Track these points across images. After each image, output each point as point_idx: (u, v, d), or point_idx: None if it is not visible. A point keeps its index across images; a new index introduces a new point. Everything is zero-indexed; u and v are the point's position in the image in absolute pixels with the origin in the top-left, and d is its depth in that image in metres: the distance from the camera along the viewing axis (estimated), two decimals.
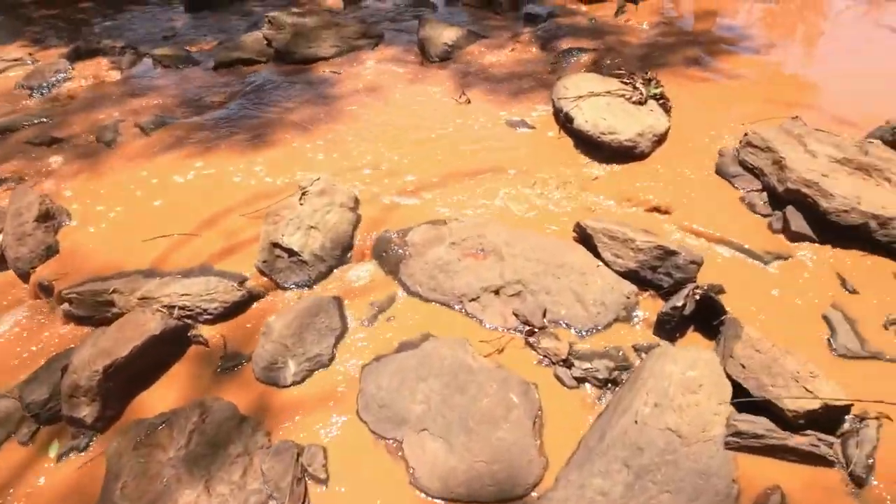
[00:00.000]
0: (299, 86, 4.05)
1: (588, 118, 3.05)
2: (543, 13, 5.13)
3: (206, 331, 2.23)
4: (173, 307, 2.19)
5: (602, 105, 3.13)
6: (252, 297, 2.34)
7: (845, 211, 2.29)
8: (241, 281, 2.35)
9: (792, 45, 4.31)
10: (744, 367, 1.73)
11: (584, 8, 5.25)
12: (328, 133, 3.42)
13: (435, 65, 4.32)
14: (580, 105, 3.15)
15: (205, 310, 2.23)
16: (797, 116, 3.04)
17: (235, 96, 3.96)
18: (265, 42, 4.57)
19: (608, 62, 4.08)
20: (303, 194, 2.62)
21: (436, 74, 4.13)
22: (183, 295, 2.23)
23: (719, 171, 2.82)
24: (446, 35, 4.49)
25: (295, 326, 2.07)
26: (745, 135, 2.81)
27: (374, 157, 3.17)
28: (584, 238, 2.38)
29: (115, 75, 4.50)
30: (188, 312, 2.21)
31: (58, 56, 4.84)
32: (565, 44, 4.46)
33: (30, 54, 5.20)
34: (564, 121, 3.25)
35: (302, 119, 3.59)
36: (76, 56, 4.84)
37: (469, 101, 3.71)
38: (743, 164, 2.76)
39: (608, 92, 3.24)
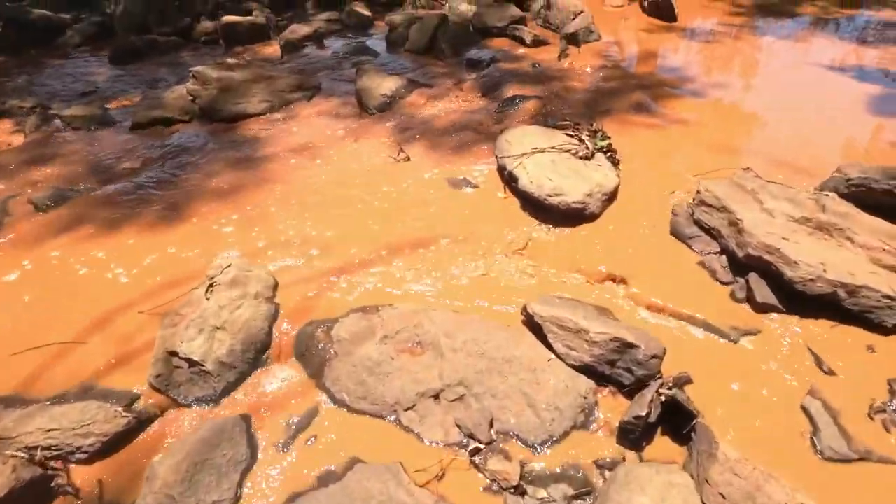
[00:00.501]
0: (223, 147, 3.71)
1: (533, 178, 2.82)
2: (486, 58, 4.99)
3: (79, 474, 1.81)
4: (35, 448, 1.77)
5: (547, 162, 2.92)
6: (142, 423, 1.94)
7: (812, 280, 2.10)
8: (129, 403, 1.95)
9: (732, 85, 4.27)
10: (723, 496, 1.46)
11: (526, 52, 5.16)
12: (250, 203, 3.08)
13: (373, 117, 4.06)
14: (524, 163, 2.92)
15: (78, 447, 1.81)
16: (748, 168, 2.90)
17: (151, 162, 3.58)
18: (190, 98, 4.23)
19: (553, 109, 3.93)
20: (210, 286, 2.26)
21: (373, 129, 3.87)
22: (50, 430, 1.81)
23: (675, 232, 2.62)
24: (385, 85, 4.26)
25: (185, 468, 1.68)
26: (698, 192, 2.64)
27: (299, 230, 2.84)
28: (533, 326, 2.10)
29: (18, 140, 4.05)
30: (55, 453, 1.79)
31: None
32: (509, 91, 4.31)
33: None
34: (509, 179, 3.02)
35: (223, 187, 3.24)
36: None
37: (408, 158, 3.45)
38: (698, 223, 2.57)
39: (553, 147, 3.04)
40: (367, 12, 6.50)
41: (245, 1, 6.99)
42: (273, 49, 5.95)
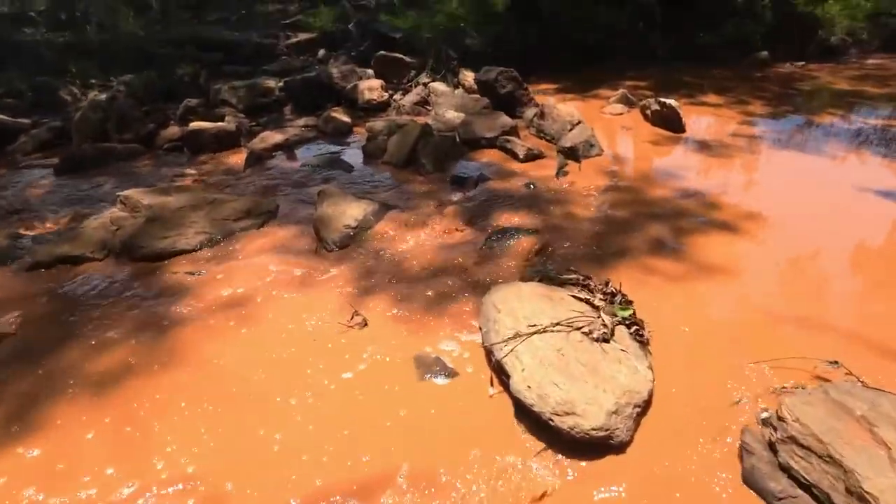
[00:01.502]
0: (130, 302, 2.89)
1: (531, 380, 1.97)
2: (473, 175, 4.35)
3: None
4: None
5: (550, 352, 2.08)
6: None
7: None
8: None
9: (768, 215, 3.56)
10: None
11: (519, 167, 4.54)
12: (130, 408, 2.18)
13: (332, 256, 3.29)
14: (518, 353, 2.09)
15: None
16: (837, 362, 2.07)
17: (28, 325, 2.75)
18: (113, 229, 3.49)
19: (553, 249, 3.18)
20: None
21: (328, 274, 3.08)
22: None
23: (751, 482, 1.72)
24: (350, 213, 3.55)
25: None
26: (780, 418, 1.77)
27: (181, 463, 1.93)
28: None
29: None
30: None
31: None
32: (500, 218, 3.59)
33: None
34: (498, 371, 2.18)
35: (104, 375, 2.36)
36: None
37: (365, 324, 2.62)
38: (788, 471, 1.68)
39: (558, 324, 2.22)
40: (346, 118, 6.02)
41: (219, 105, 6.56)
42: (240, 157, 5.36)
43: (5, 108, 6.77)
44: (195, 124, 5.79)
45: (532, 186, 4.11)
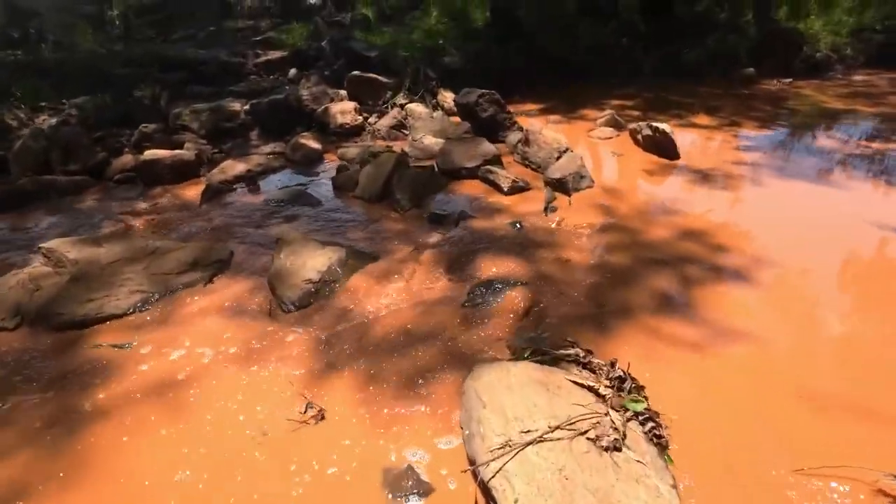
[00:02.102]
0: (39, 387, 2.38)
1: None
2: (453, 211, 3.93)
3: None
4: None
5: (550, 472, 1.64)
6: None
7: None
8: None
9: (785, 261, 3.18)
10: None
11: (504, 201, 4.13)
12: None
13: (290, 318, 2.82)
14: (509, 473, 1.65)
15: None
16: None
17: None
18: (32, 289, 2.97)
19: (545, 307, 2.76)
20: None
21: (282, 344, 2.60)
22: None
23: None
24: (312, 264, 3.09)
25: None
26: None
27: None
28: None
29: None
30: None
31: None
32: (484, 266, 3.17)
33: None
34: (485, 492, 1.73)
35: None
36: None
37: (322, 417, 2.15)
38: None
39: (557, 427, 1.79)
40: (316, 144, 5.57)
41: (179, 131, 6.06)
42: (198, 190, 4.86)
43: None
44: (150, 153, 5.28)
45: (518, 226, 3.70)
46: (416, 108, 6.48)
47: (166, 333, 2.71)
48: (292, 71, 7.73)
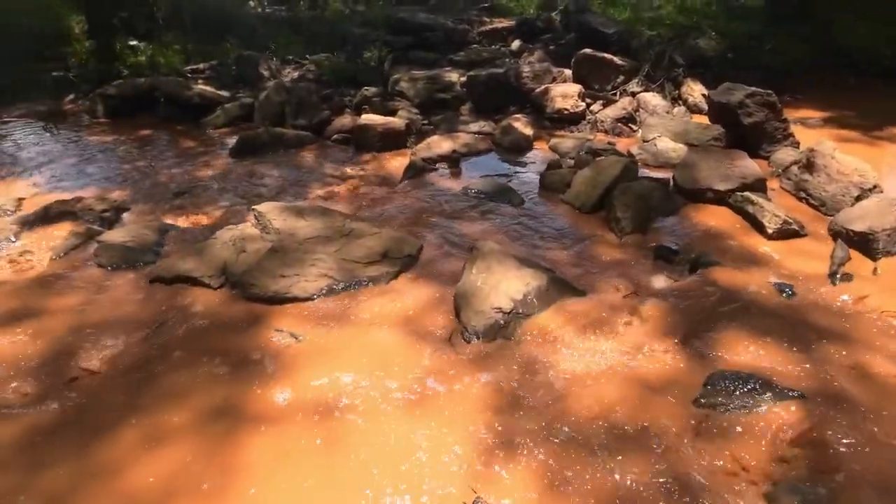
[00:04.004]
0: (217, 366, 2.32)
1: None
2: (689, 251, 3.03)
3: None
4: None
5: None
6: None
7: None
8: None
9: None
10: None
11: (765, 248, 3.06)
12: None
13: (470, 352, 2.36)
14: None
15: None
16: None
17: (111, 367, 2.34)
18: (236, 251, 3.03)
19: (828, 440, 1.81)
20: None
21: (456, 389, 2.15)
22: None
23: None
24: (507, 288, 2.56)
25: None
26: None
27: None
28: None
29: (39, 266, 3.21)
30: None
31: (11, 221, 3.77)
32: (732, 345, 2.29)
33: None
34: None
35: (137, 495, 1.78)
36: (44, 219, 3.76)
37: None
38: None
39: None
40: (527, 130, 5.00)
41: (395, 98, 6.05)
42: (403, 162, 4.72)
43: (212, 79, 7.18)
44: (365, 117, 5.33)
45: (788, 292, 2.65)
46: (652, 98, 5.44)
47: (341, 334, 2.47)
48: (516, 42, 7.21)
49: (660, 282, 2.82)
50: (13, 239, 3.53)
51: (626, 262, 3.04)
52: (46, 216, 3.80)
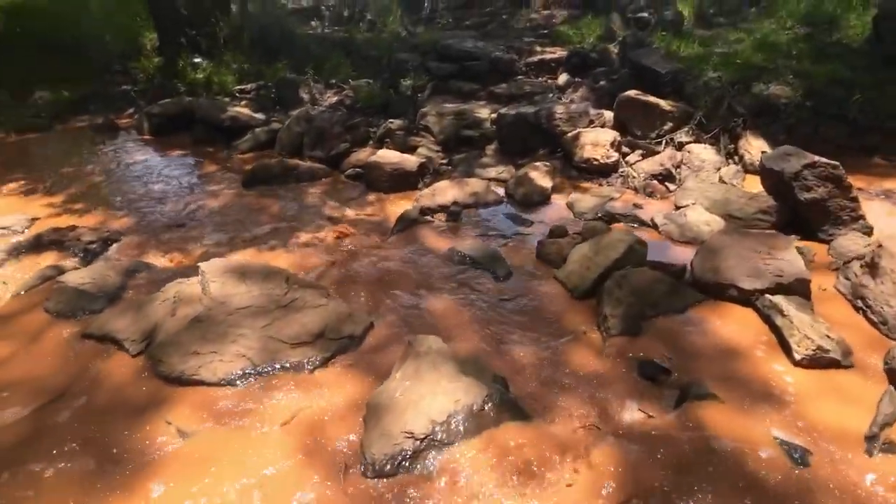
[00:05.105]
0: (75, 461, 2.07)
1: None
2: (684, 377, 2.41)
3: None
4: None
5: None
6: None
7: None
8: None
9: None
10: None
11: (786, 380, 2.36)
12: None
13: (359, 492, 1.95)
14: None
15: None
16: None
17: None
18: (171, 309, 2.82)
19: None
20: None
21: None
22: None
23: None
24: (430, 404, 2.11)
25: None
26: None
27: None
28: None
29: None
30: None
31: (3, 248, 3.85)
32: None
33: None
34: None
35: None
36: (35, 246, 3.83)
37: None
38: None
39: None
40: (545, 182, 4.47)
41: (419, 132, 5.74)
42: (407, 205, 4.40)
43: (254, 101, 7.27)
44: (379, 154, 5.06)
45: (799, 459, 1.98)
46: (702, 152, 4.71)
47: (227, 440, 2.16)
48: (563, 76, 6.65)
49: (631, 414, 2.25)
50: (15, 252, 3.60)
51: (601, 375, 2.48)
52: (38, 244, 3.87)
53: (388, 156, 5.01)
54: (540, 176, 4.53)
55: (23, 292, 3.26)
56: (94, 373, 2.56)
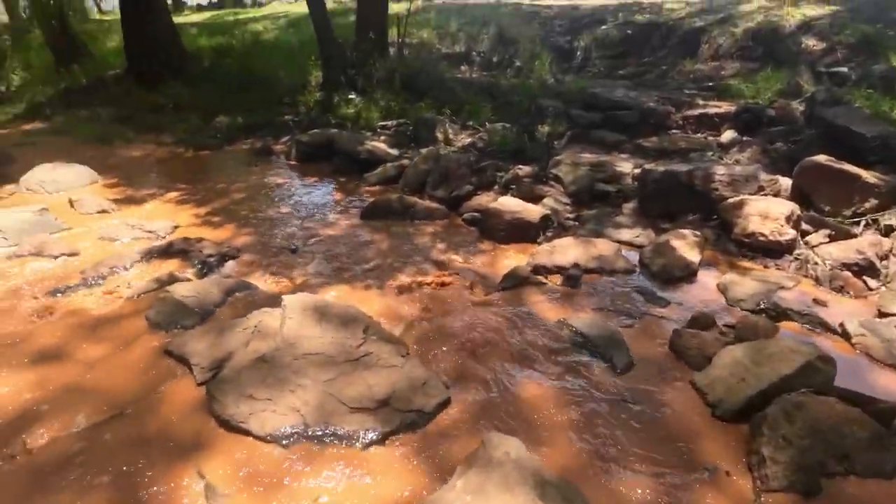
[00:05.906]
0: (102, 494, 1.89)
1: None
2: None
3: None
4: None
5: None
6: None
7: None
8: None
9: None
10: None
11: None
12: None
13: None
14: None
15: None
16: None
17: (25, 461, 2.11)
18: (257, 342, 2.66)
19: None
20: None
21: None
22: None
23: None
24: None
25: None
26: None
27: None
28: None
29: (114, 304, 3.38)
30: None
31: (139, 249, 4.15)
32: None
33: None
34: None
35: None
36: (165, 253, 4.08)
37: None
38: None
39: None
40: (691, 255, 3.67)
41: (548, 181, 5.26)
42: (519, 261, 3.94)
43: (393, 136, 7.44)
44: (500, 201, 4.68)
45: None
46: None
47: None
48: (728, 133, 5.71)
49: None
50: (127, 267, 3.85)
51: None
52: (168, 251, 4.11)
53: (509, 203, 4.61)
54: (686, 246, 3.75)
55: (136, 296, 3.41)
56: (160, 395, 2.46)
